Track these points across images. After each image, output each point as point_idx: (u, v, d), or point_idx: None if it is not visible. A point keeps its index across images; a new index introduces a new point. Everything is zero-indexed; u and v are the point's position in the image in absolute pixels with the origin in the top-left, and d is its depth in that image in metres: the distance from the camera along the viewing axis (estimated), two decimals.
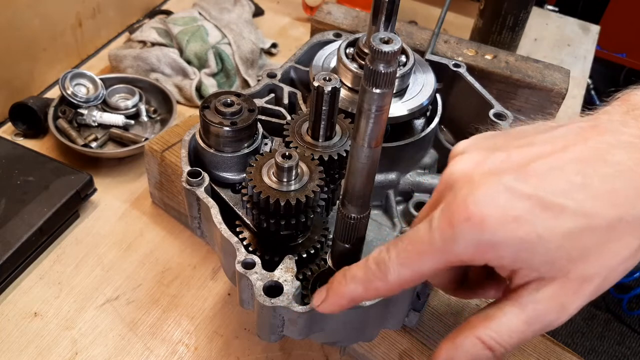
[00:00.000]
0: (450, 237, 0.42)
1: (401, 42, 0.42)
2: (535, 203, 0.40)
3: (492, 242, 0.41)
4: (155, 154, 0.97)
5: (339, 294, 0.51)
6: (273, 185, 0.61)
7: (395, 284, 0.47)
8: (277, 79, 0.84)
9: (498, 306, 0.45)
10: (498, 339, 0.44)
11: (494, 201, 0.41)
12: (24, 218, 0.92)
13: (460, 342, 0.46)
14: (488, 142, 0.47)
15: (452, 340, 0.47)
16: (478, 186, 0.42)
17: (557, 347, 0.77)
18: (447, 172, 0.46)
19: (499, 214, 0.40)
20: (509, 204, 0.40)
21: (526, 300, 0.43)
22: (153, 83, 1.21)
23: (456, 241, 0.42)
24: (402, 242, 0.46)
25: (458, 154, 0.47)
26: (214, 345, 0.87)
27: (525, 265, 0.42)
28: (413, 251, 0.45)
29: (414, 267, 0.45)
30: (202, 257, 0.99)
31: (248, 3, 1.45)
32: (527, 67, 0.98)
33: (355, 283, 0.49)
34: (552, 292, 0.42)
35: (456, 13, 1.55)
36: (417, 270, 0.45)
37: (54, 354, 0.84)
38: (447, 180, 0.46)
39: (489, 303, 0.47)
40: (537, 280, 0.43)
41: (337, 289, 0.52)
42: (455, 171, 0.45)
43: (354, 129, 0.47)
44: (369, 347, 0.83)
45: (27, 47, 1.17)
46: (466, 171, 0.44)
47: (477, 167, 0.44)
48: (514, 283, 0.44)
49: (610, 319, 2.56)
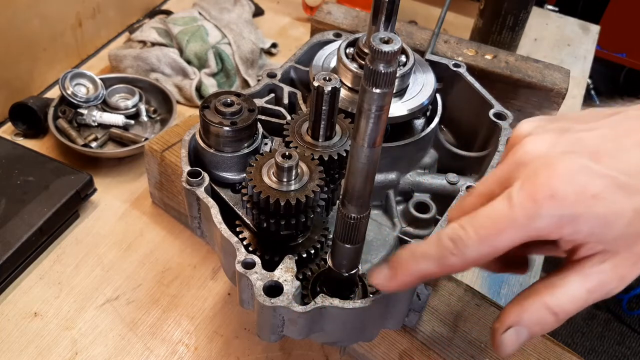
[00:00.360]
0: (534, 213, 0.44)
1: (401, 42, 0.42)
2: (610, 182, 0.43)
3: (572, 217, 0.44)
4: (155, 154, 0.97)
5: (408, 273, 0.52)
6: (273, 185, 0.61)
7: (472, 260, 0.48)
8: (277, 79, 0.84)
9: (562, 275, 0.48)
10: (562, 304, 0.47)
11: (574, 179, 0.44)
12: (24, 218, 0.92)
13: (528, 306, 0.49)
14: (554, 125, 0.50)
15: (519, 304, 0.49)
16: (558, 165, 0.44)
17: (557, 347, 0.77)
18: (519, 152, 0.48)
19: (579, 191, 0.43)
20: (588, 182, 0.43)
21: (590, 270, 0.46)
22: (153, 83, 1.21)
23: (540, 217, 0.44)
24: (479, 218, 0.47)
25: (525, 136, 0.50)
26: (214, 345, 0.88)
27: (596, 239, 0.45)
28: (493, 227, 0.46)
29: (493, 243, 0.47)
30: (202, 257, 0.99)
31: (248, 3, 1.45)
32: (527, 67, 0.98)
33: (428, 261, 0.50)
34: (614, 264, 0.46)
35: (456, 13, 1.55)
36: (496, 246, 0.47)
37: (54, 354, 0.84)
38: (519, 160, 0.48)
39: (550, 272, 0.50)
40: (602, 252, 0.46)
41: (407, 267, 0.52)
42: (529, 151, 0.48)
43: (354, 129, 0.47)
44: (369, 347, 0.83)
45: (27, 47, 1.17)
46: (542, 152, 0.47)
47: (552, 148, 0.47)
48: (578, 255, 0.47)
49: (610, 319, 2.56)
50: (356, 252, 0.59)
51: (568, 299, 0.47)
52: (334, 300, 0.58)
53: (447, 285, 0.82)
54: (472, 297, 0.81)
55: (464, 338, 0.77)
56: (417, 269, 0.51)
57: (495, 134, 0.80)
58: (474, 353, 0.75)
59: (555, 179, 0.44)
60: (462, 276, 0.99)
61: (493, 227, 0.46)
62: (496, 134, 0.80)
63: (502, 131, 0.79)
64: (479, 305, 0.80)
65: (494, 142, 0.79)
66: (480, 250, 0.47)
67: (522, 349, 0.76)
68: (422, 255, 0.51)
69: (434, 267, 0.50)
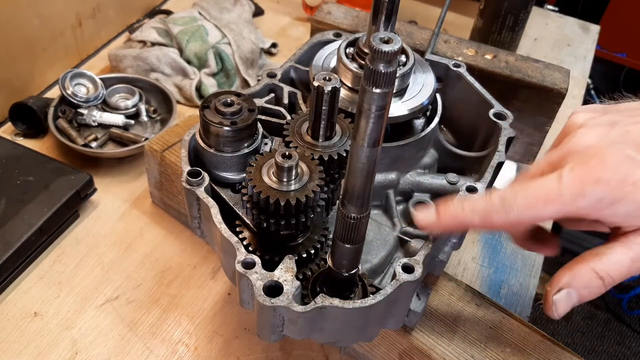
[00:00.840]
0: (579, 193, 0.51)
1: (401, 42, 0.42)
2: None
3: (613, 200, 0.51)
4: (155, 153, 0.97)
5: (453, 218, 0.58)
6: (273, 185, 0.61)
7: (513, 222, 0.55)
8: (277, 79, 0.84)
9: (608, 246, 0.54)
10: (608, 270, 0.53)
11: (618, 168, 0.51)
12: (24, 218, 0.92)
13: (577, 271, 0.55)
14: (605, 118, 0.56)
15: (569, 269, 0.55)
16: (605, 156, 0.52)
17: (557, 347, 0.77)
18: (572, 141, 0.56)
19: (621, 179, 0.50)
20: (630, 171, 0.50)
21: (633, 242, 0.53)
22: (153, 83, 1.21)
23: (583, 197, 0.51)
24: (530, 187, 0.54)
25: (578, 127, 0.57)
26: (214, 345, 0.87)
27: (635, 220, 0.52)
28: (541, 197, 0.53)
29: (536, 211, 0.53)
30: (202, 257, 0.99)
31: (248, 3, 1.45)
32: (527, 67, 0.98)
33: (474, 213, 0.57)
34: None
35: (456, 13, 1.55)
36: (538, 214, 0.54)
37: (54, 353, 0.84)
38: (572, 148, 0.56)
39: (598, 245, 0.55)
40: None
41: (453, 213, 0.58)
42: (581, 142, 0.55)
43: (354, 129, 0.47)
44: (369, 347, 0.83)
45: (27, 47, 1.17)
46: (592, 142, 0.54)
47: (601, 139, 0.54)
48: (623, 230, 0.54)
49: (610, 318, 2.56)
50: (356, 252, 0.59)
51: (613, 265, 0.53)
52: (334, 300, 0.58)
53: (447, 285, 0.82)
54: (472, 297, 0.81)
55: (464, 338, 0.77)
56: (462, 215, 0.58)
57: (495, 133, 0.80)
58: (474, 353, 0.75)
59: (601, 166, 0.51)
60: (462, 276, 0.99)
61: (541, 197, 0.53)
62: (496, 134, 0.80)
63: (502, 131, 0.78)
64: (479, 305, 0.80)
65: (494, 142, 0.79)
66: (523, 215, 0.54)
67: (521, 349, 0.76)
68: (469, 206, 0.57)
69: (477, 219, 0.57)
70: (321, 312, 0.59)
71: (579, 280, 0.55)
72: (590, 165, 0.52)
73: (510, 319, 0.79)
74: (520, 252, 1.05)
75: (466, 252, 1.03)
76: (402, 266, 0.61)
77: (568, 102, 0.87)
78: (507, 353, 0.75)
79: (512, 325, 0.79)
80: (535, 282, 1.00)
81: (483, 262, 1.02)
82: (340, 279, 0.62)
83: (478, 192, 0.71)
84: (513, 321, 0.79)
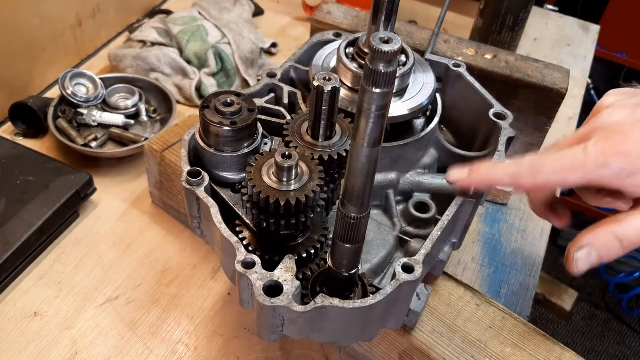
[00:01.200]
0: (602, 163, 0.57)
1: (401, 42, 0.42)
2: None
3: (633, 172, 0.56)
4: (155, 153, 0.97)
5: (484, 175, 0.65)
6: (273, 185, 0.61)
7: (539, 185, 0.61)
8: (277, 79, 0.84)
9: (629, 214, 0.59)
10: (627, 234, 0.59)
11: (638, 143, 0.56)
12: (24, 218, 0.92)
13: (598, 232, 0.60)
14: (632, 101, 0.62)
15: (591, 230, 0.60)
16: (628, 132, 0.57)
17: (557, 347, 0.77)
18: (600, 119, 0.61)
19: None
20: None
21: None
22: (153, 83, 1.21)
23: (606, 167, 0.57)
24: (558, 156, 0.60)
25: (606, 107, 0.63)
26: (214, 345, 0.88)
27: None
28: (567, 165, 0.59)
29: (562, 176, 0.59)
30: (202, 257, 0.99)
31: (248, 3, 1.45)
32: (527, 66, 0.98)
33: (504, 173, 0.63)
34: None
35: (456, 13, 1.55)
36: (563, 180, 0.60)
37: (54, 353, 0.84)
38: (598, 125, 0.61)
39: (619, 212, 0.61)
40: None
41: (485, 171, 0.65)
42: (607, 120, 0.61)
43: (354, 129, 0.47)
44: (369, 347, 0.83)
45: (27, 47, 1.17)
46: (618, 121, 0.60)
47: (626, 118, 0.59)
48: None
49: (610, 318, 2.56)
50: (356, 252, 0.59)
51: (632, 230, 0.58)
52: (334, 300, 0.58)
53: (447, 285, 0.82)
54: (472, 297, 0.81)
55: (464, 338, 0.77)
56: (493, 174, 0.64)
57: (495, 133, 0.80)
58: (474, 353, 0.75)
59: (624, 141, 0.57)
60: (462, 276, 0.99)
61: (567, 164, 0.59)
62: (496, 134, 0.79)
63: (502, 131, 0.78)
64: (479, 305, 0.80)
65: (494, 141, 0.79)
66: (549, 179, 0.60)
67: (521, 349, 0.76)
68: (501, 167, 0.64)
69: (506, 179, 0.63)
70: (321, 312, 0.59)
71: (600, 241, 0.59)
72: (614, 139, 0.57)
73: (510, 319, 0.79)
74: (520, 252, 1.05)
75: (466, 252, 1.03)
76: (402, 266, 0.61)
77: (568, 102, 0.87)
78: (507, 353, 0.75)
79: (512, 325, 0.79)
80: (535, 282, 1.00)
81: (483, 262, 1.02)
82: (340, 279, 0.62)
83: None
84: (513, 321, 0.79)
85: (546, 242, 1.08)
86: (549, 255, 2.55)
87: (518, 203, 1.13)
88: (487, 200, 1.12)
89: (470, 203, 0.72)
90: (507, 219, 1.10)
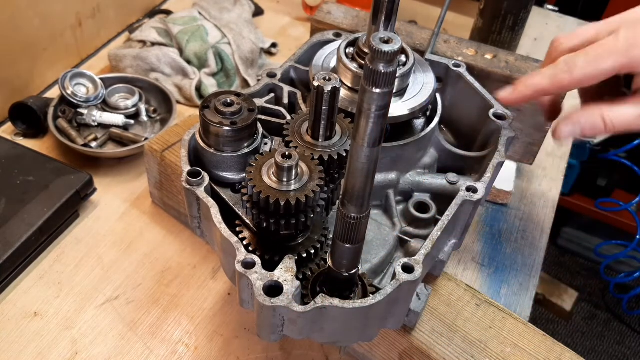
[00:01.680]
0: (633, 44, 0.63)
1: (401, 42, 0.42)
2: None
3: None
4: (155, 153, 0.97)
5: (526, 85, 0.71)
6: (273, 185, 0.61)
7: (578, 78, 0.66)
8: (277, 79, 0.84)
9: (621, 100, 0.66)
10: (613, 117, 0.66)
11: None
12: (24, 218, 0.92)
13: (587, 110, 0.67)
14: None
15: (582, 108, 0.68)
16: None
17: (557, 347, 0.77)
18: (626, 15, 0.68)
19: None
20: None
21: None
22: (153, 83, 1.21)
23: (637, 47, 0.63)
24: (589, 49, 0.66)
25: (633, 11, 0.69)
26: (214, 345, 0.88)
27: None
28: (602, 52, 0.65)
29: (598, 65, 0.65)
30: (202, 257, 0.99)
31: (248, 3, 1.45)
32: (527, 66, 0.98)
33: (543, 77, 0.69)
34: None
35: (456, 13, 1.55)
36: (600, 68, 0.65)
37: (54, 353, 0.84)
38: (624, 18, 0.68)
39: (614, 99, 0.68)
40: None
41: (525, 81, 0.71)
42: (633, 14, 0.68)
43: (354, 129, 0.47)
44: (369, 347, 0.83)
45: (27, 47, 1.17)
46: None
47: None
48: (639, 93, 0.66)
49: (610, 318, 2.56)
50: (356, 252, 0.59)
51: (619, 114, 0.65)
52: (334, 300, 0.58)
53: (447, 285, 0.82)
54: (472, 297, 0.81)
55: (464, 338, 0.77)
56: (533, 82, 0.70)
57: (495, 134, 0.80)
58: (474, 353, 0.75)
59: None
60: (462, 276, 0.99)
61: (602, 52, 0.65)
62: (496, 134, 0.80)
63: (502, 131, 0.78)
64: (479, 305, 0.80)
65: (494, 142, 0.79)
66: (586, 70, 0.65)
67: (521, 349, 0.76)
68: (539, 74, 0.70)
69: (547, 82, 0.69)
70: (321, 312, 0.59)
71: (586, 118, 0.67)
72: None
73: (510, 319, 0.79)
74: (520, 251, 1.05)
75: (466, 252, 1.03)
76: (402, 266, 0.61)
77: (568, 102, 0.87)
78: (507, 353, 0.76)
79: (512, 325, 0.79)
80: (535, 282, 1.00)
81: (483, 262, 1.02)
82: (340, 279, 0.62)
83: (478, 192, 0.72)
84: (513, 321, 0.79)
85: (546, 242, 1.08)
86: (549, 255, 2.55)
87: (518, 203, 1.13)
88: (487, 201, 1.12)
89: (470, 203, 0.72)
90: (507, 219, 1.10)
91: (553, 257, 2.65)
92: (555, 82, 0.68)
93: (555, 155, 1.26)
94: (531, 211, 1.12)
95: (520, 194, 1.15)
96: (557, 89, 0.70)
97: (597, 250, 2.47)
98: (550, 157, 1.25)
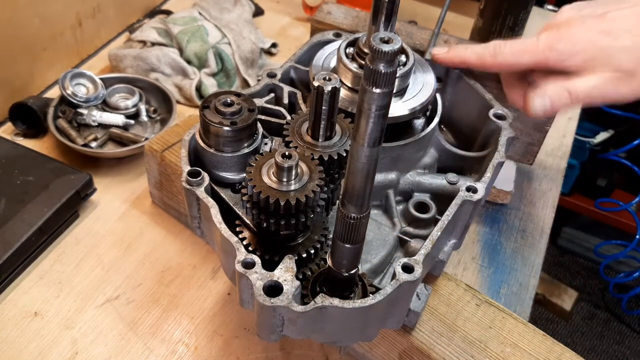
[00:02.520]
0: (550, 46, 0.73)
1: (401, 42, 0.42)
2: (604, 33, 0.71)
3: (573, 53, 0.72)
4: (155, 153, 0.97)
5: (457, 53, 0.84)
6: (273, 185, 0.61)
7: (498, 63, 0.78)
8: (277, 79, 0.84)
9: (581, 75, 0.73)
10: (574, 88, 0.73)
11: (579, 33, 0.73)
12: (24, 218, 0.92)
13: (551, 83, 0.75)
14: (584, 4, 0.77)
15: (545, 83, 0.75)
16: (573, 24, 0.74)
17: (557, 346, 0.77)
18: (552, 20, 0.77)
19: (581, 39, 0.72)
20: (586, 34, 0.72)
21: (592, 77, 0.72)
22: (153, 83, 1.21)
23: (552, 49, 0.73)
24: (516, 42, 0.77)
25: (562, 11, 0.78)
26: (214, 344, 0.88)
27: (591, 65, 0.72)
28: (522, 48, 0.76)
29: (517, 57, 0.76)
30: (202, 257, 0.99)
31: (248, 3, 1.45)
32: None
33: (473, 53, 0.81)
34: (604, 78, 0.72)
35: (456, 13, 1.55)
36: (518, 60, 0.77)
37: (54, 353, 0.84)
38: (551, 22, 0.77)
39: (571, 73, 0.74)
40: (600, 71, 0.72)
41: (458, 50, 0.83)
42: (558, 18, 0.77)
43: (354, 129, 0.47)
44: (369, 347, 0.83)
45: (27, 47, 1.17)
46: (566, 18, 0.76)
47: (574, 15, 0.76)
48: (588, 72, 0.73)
49: (610, 318, 2.56)
50: (356, 252, 0.59)
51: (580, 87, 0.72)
52: (334, 300, 0.58)
53: (447, 285, 0.82)
54: (472, 297, 0.81)
55: (464, 338, 0.77)
56: (464, 53, 0.82)
57: (495, 133, 0.80)
58: (473, 353, 0.75)
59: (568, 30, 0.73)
60: (462, 276, 0.99)
61: (523, 48, 0.76)
62: (496, 134, 0.80)
63: (502, 131, 0.79)
64: (479, 305, 0.80)
65: (494, 142, 0.79)
66: (508, 59, 0.77)
67: (521, 349, 0.76)
68: (471, 49, 0.81)
69: (474, 58, 0.81)
70: (321, 312, 0.59)
71: (552, 91, 0.74)
72: (561, 30, 0.74)
73: (510, 318, 0.79)
74: (520, 251, 1.05)
75: (466, 252, 1.03)
76: (402, 266, 0.61)
77: None
78: (507, 353, 0.76)
79: (512, 325, 0.79)
80: (535, 282, 1.00)
81: (483, 262, 1.02)
82: (340, 279, 0.62)
83: (478, 192, 0.72)
84: (513, 321, 0.79)
85: (546, 242, 1.08)
86: (549, 255, 2.55)
87: (518, 203, 1.13)
88: (487, 201, 1.12)
89: (470, 203, 0.72)
90: (507, 219, 1.10)
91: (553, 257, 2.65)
92: (480, 61, 0.80)
93: (555, 155, 1.26)
94: (531, 211, 1.12)
95: (520, 194, 1.15)
96: (480, 67, 0.82)
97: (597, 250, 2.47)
98: (550, 157, 1.25)
